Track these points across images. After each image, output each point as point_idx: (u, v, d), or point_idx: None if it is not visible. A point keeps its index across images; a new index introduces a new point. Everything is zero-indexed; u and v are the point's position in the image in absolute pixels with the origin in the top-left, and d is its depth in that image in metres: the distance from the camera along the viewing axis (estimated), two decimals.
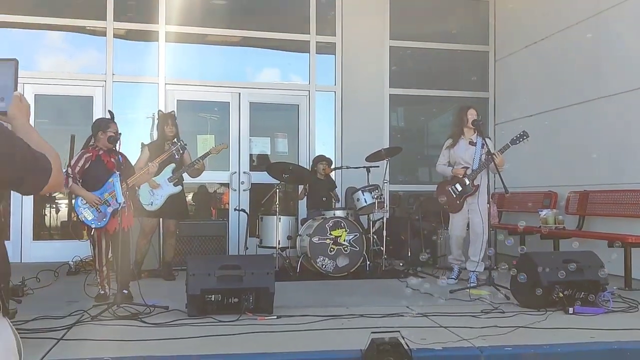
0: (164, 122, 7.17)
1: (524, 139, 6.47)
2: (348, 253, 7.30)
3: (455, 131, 7.01)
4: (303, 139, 9.75)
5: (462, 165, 6.82)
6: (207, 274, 5.03)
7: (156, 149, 6.99)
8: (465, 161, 6.80)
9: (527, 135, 6.48)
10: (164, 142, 7.10)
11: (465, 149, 6.82)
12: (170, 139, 7.05)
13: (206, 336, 4.33)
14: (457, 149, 6.90)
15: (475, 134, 6.81)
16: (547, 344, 4.25)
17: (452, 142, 6.95)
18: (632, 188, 7.08)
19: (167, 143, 7.05)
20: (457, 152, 6.88)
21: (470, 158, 6.76)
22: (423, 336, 4.25)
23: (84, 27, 9.21)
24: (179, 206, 7.18)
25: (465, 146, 6.83)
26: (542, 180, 8.67)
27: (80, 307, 5.09)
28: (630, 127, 7.24)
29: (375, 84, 9.86)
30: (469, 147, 6.80)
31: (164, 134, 7.14)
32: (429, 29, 10.24)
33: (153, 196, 6.92)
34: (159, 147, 7.06)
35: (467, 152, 6.81)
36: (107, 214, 5.68)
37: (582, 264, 5.35)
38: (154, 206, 6.92)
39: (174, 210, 7.09)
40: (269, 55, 10.04)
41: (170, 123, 7.13)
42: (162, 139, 7.15)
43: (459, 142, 6.90)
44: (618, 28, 7.46)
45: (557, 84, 8.51)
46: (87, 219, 5.68)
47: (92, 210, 5.66)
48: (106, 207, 5.68)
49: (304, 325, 4.67)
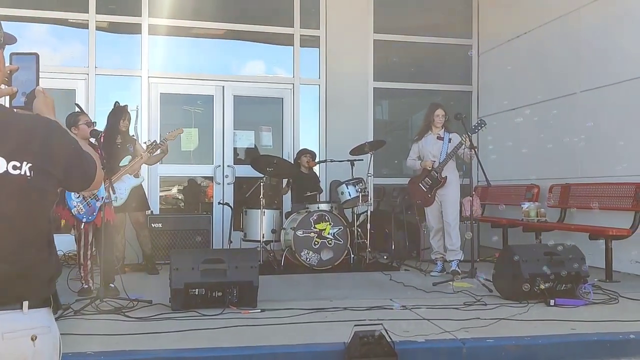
0: (120, 116, 6.87)
1: (482, 127, 6.80)
2: (332, 246, 7.32)
3: (423, 127, 7.34)
4: (287, 133, 9.73)
5: (430, 159, 7.09)
6: (191, 268, 5.04)
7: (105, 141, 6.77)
8: (433, 154, 7.10)
9: (485, 123, 6.83)
10: (116, 135, 6.81)
11: (433, 143, 7.13)
12: (122, 133, 6.85)
13: (190, 330, 4.34)
14: (425, 143, 7.20)
15: (443, 129, 7.11)
16: (529, 335, 4.31)
17: (417, 137, 7.30)
18: (613, 181, 7.15)
19: (119, 136, 6.80)
20: (425, 146, 7.19)
21: (437, 152, 7.07)
22: (406, 329, 4.29)
23: (66, 19, 9.11)
24: (140, 198, 7.08)
25: (433, 140, 7.14)
26: (525, 173, 8.71)
27: (63, 301, 5.06)
28: (611, 120, 7.30)
29: (359, 78, 9.85)
30: (437, 141, 7.10)
31: (117, 127, 6.83)
32: (413, 22, 10.24)
33: (117, 191, 6.75)
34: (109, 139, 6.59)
35: (434, 146, 7.12)
36: (95, 208, 5.65)
37: (563, 256, 5.42)
38: (119, 201, 6.68)
39: (138, 203, 6.97)
40: (253, 48, 9.99)
41: (126, 118, 6.93)
42: (114, 131, 6.81)
43: (427, 137, 7.21)
44: (599, 21, 7.52)
45: (539, 78, 8.55)
46: (79, 214, 5.63)
47: (84, 205, 5.63)
48: (95, 202, 5.65)
49: (288, 318, 4.70)
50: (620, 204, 6.93)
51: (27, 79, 1.85)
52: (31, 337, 1.69)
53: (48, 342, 1.74)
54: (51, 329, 1.77)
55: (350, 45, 9.80)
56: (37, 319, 1.72)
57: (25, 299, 1.69)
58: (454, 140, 6.97)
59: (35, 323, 1.71)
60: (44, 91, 1.88)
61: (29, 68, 1.86)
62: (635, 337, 4.30)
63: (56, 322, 1.82)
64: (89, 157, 1.87)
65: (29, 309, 1.70)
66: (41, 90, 1.86)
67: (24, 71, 1.85)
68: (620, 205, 6.92)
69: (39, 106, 1.84)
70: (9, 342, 1.66)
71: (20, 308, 1.68)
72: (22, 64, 1.85)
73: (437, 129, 7.14)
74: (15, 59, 1.85)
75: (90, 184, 1.89)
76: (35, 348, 1.69)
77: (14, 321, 1.67)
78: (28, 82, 1.85)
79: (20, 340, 1.68)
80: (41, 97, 1.85)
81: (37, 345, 1.70)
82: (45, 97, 1.86)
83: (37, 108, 1.84)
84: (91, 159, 1.88)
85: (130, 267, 7.22)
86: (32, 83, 1.85)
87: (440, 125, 7.12)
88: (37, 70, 1.87)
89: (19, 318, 1.68)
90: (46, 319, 1.76)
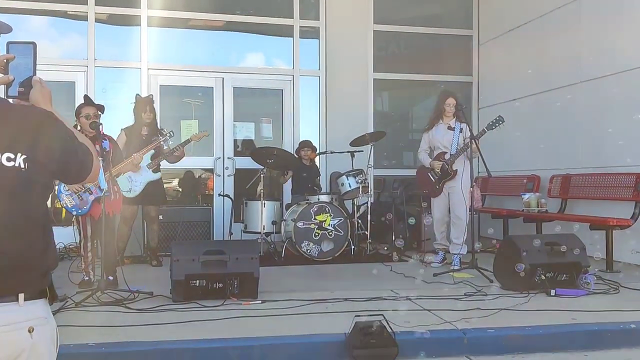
0: (141, 108, 7.01)
1: (500, 123, 6.63)
2: (332, 238, 7.32)
3: (433, 116, 7.18)
4: (287, 124, 9.71)
5: (441, 150, 6.97)
6: (192, 259, 5.04)
7: (133, 134, 6.92)
8: (444, 145, 6.97)
9: (503, 120, 6.65)
10: (141, 127, 6.99)
11: (444, 133, 6.97)
12: (147, 125, 6.99)
13: (190, 321, 4.34)
14: (435, 133, 7.07)
15: (454, 119, 6.96)
16: (529, 325, 4.31)
17: (428, 126, 7.13)
18: (612, 172, 7.15)
19: (145, 128, 6.97)
20: (436, 136, 7.05)
21: (448, 142, 6.93)
22: (407, 319, 4.29)
23: (65, 11, 9.09)
24: (157, 192, 7.08)
25: (444, 131, 6.97)
26: (525, 163, 8.72)
27: (64, 293, 5.07)
28: (610, 110, 7.29)
29: (360, 69, 9.83)
30: (447, 131, 6.94)
31: (141, 120, 7.01)
32: (413, 13, 10.22)
33: (132, 182, 6.78)
34: (135, 131, 6.95)
35: (445, 136, 6.97)
36: (88, 202, 5.62)
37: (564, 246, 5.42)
38: (132, 193, 6.78)
39: (152, 197, 6.99)
40: (253, 39, 9.97)
41: (148, 109, 7.01)
42: (139, 124, 7.02)
43: (438, 127, 7.06)
44: (599, 12, 7.49)
45: (539, 68, 8.53)
46: (68, 206, 5.64)
47: (74, 197, 5.62)
48: (88, 195, 5.63)
49: (289, 309, 4.70)
50: (621, 194, 6.92)
51: (25, 68, 1.82)
52: (28, 329, 1.68)
53: (45, 334, 1.74)
54: (48, 320, 1.76)
55: (350, 36, 9.77)
56: (33, 310, 1.71)
57: (21, 291, 1.68)
58: (465, 130, 6.84)
59: (32, 315, 1.70)
60: (42, 81, 1.85)
61: (26, 56, 1.83)
62: (636, 326, 4.31)
63: (57, 314, 1.82)
64: (85, 149, 1.85)
65: (25, 301, 1.69)
66: (38, 80, 1.83)
67: (21, 60, 1.82)
68: (621, 195, 6.91)
69: (36, 96, 1.81)
70: (6, 334, 1.65)
71: (16, 300, 1.67)
72: (18, 52, 1.82)
73: (448, 119, 6.98)
74: (11, 48, 1.82)
75: (86, 176, 1.88)
76: (32, 340, 1.69)
77: (11, 313, 1.66)
78: (25, 71, 1.82)
79: (18, 333, 1.67)
80: (38, 87, 1.83)
81: (35, 337, 1.69)
82: (42, 87, 1.83)
83: (34, 98, 1.81)
84: (87, 151, 1.86)
85: (131, 259, 7.21)
86: (29, 72, 1.83)
87: (451, 115, 6.95)
88: (34, 59, 1.84)
89: (15, 310, 1.67)
90: (43, 310, 1.75)
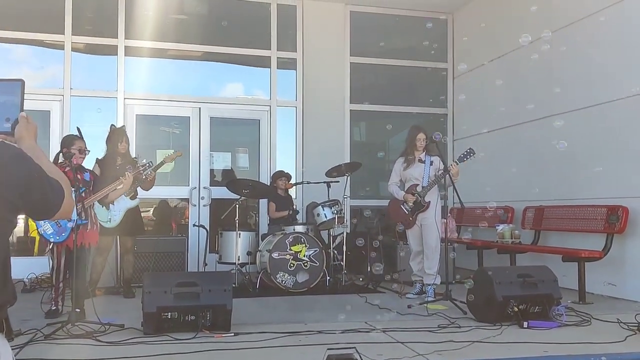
0: (118, 138, 6.98)
1: (471, 156, 6.76)
2: (308, 268, 7.30)
3: (407, 150, 7.28)
4: (264, 154, 9.73)
5: (413, 183, 7.10)
6: (164, 291, 4.98)
7: (107, 164, 6.84)
8: (415, 178, 7.10)
9: (474, 152, 6.78)
10: (116, 157, 6.93)
11: (415, 166, 7.12)
12: (121, 155, 6.94)
13: (162, 354, 4.28)
14: (407, 167, 7.18)
15: (424, 152, 7.11)
16: (502, 358, 4.31)
17: (405, 163, 7.20)
18: (585, 204, 7.24)
19: (119, 157, 6.92)
20: (408, 169, 7.17)
21: (419, 175, 7.07)
22: (380, 352, 4.27)
23: (42, 40, 9.07)
24: (135, 222, 7.05)
25: (416, 164, 7.12)
26: (500, 195, 8.79)
27: (34, 325, 4.99)
28: (584, 143, 7.39)
29: (336, 100, 9.91)
30: (418, 164, 7.10)
31: (116, 150, 6.96)
32: (389, 46, 10.36)
33: (111, 212, 6.73)
34: (110, 162, 6.88)
35: (416, 169, 7.11)
36: (66, 229, 5.58)
37: (536, 279, 5.46)
38: (112, 222, 6.72)
39: (131, 227, 6.95)
40: (230, 70, 10.03)
41: (124, 140, 7.01)
42: (113, 154, 6.96)
43: (408, 160, 7.20)
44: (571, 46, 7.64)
45: (513, 101, 8.66)
46: (46, 233, 5.58)
47: (52, 224, 5.57)
48: (66, 222, 5.58)
49: (262, 342, 4.66)
50: (592, 227, 7.01)
51: (12, 105, 1.87)
52: None
53: None
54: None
55: (327, 68, 9.87)
56: None
57: None
58: (435, 163, 7.00)
59: None
60: (28, 117, 1.89)
61: (13, 94, 1.88)
62: (607, 359, 4.33)
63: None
64: (55, 185, 1.82)
65: None
66: (24, 116, 1.88)
67: (9, 97, 1.87)
68: (593, 227, 6.99)
69: (21, 132, 1.86)
70: None
71: None
72: (6, 89, 1.88)
73: (418, 152, 7.15)
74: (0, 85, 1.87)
75: (54, 213, 1.85)
76: None
77: None
78: (13, 107, 1.87)
79: None
80: (23, 123, 1.87)
81: None
82: (27, 122, 1.88)
83: (19, 134, 1.86)
84: (58, 187, 1.83)
85: (103, 290, 7.12)
86: (16, 109, 1.87)
87: (421, 149, 7.14)
88: (21, 96, 1.89)
89: None
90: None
